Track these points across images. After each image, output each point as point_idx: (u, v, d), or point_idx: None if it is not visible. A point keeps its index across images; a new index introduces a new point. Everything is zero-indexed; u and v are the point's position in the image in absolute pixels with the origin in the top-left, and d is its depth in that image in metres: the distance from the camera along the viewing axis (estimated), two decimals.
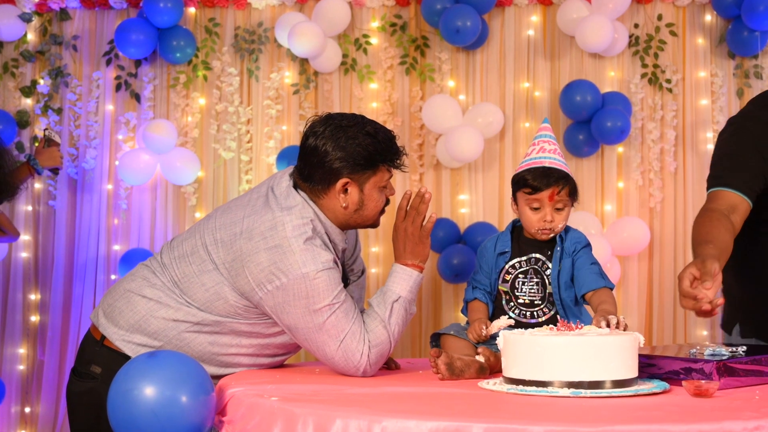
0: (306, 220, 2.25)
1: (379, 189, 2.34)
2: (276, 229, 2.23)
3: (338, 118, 2.32)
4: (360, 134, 2.27)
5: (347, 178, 2.28)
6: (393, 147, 2.33)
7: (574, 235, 2.41)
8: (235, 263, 2.24)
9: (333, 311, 2.20)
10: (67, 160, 4.25)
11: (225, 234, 2.29)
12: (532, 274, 2.39)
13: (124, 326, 2.32)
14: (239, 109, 4.31)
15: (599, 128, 4.08)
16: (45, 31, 4.33)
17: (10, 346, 4.26)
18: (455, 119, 4.14)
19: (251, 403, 1.79)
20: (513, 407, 1.75)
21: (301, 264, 2.19)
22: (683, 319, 4.28)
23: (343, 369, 2.24)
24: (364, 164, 2.28)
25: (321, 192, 2.30)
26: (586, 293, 2.33)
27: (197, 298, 2.29)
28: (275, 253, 2.20)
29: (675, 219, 4.28)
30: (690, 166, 4.30)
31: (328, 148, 2.27)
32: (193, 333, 2.29)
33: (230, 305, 2.26)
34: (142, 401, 1.74)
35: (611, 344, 1.94)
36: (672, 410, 1.72)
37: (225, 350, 2.31)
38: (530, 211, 2.36)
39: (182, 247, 2.37)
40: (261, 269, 2.20)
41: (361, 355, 2.22)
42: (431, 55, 4.36)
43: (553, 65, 4.34)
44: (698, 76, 4.33)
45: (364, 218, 2.35)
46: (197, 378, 1.83)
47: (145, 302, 2.31)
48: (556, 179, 2.33)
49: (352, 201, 2.31)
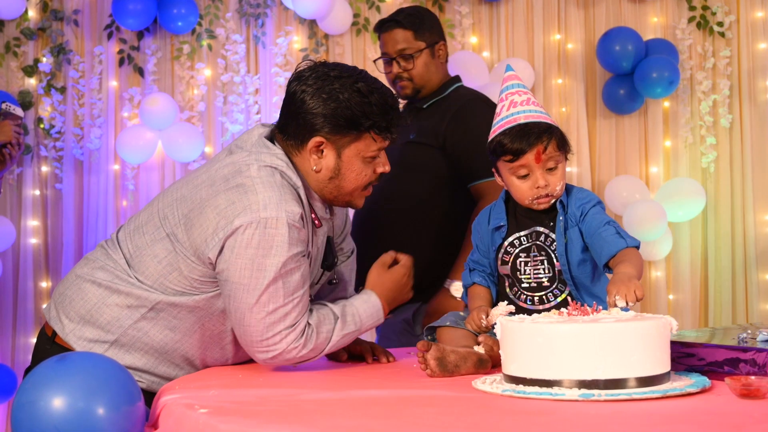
0: (280, 164, 1.96)
1: (364, 159, 2.01)
2: (240, 171, 1.94)
3: (330, 67, 2.01)
4: (348, 89, 1.95)
5: (322, 137, 1.97)
6: (387, 112, 1.99)
7: (579, 196, 2.01)
8: (191, 214, 1.95)
9: (279, 273, 1.88)
10: (72, 141, 4.13)
11: (185, 190, 2.02)
12: (535, 251, 1.99)
13: (74, 318, 2.06)
14: (246, 78, 4.12)
15: (643, 80, 3.79)
16: (45, 6, 4.19)
17: (23, 335, 4.14)
18: (481, 78, 3.86)
19: (179, 415, 1.50)
20: (505, 417, 1.44)
21: (262, 206, 1.88)
22: (743, 295, 3.92)
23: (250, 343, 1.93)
24: (345, 125, 1.96)
25: (294, 148, 2.01)
26: (608, 261, 1.91)
27: (149, 273, 2.00)
28: (235, 193, 1.91)
29: (732, 180, 3.99)
30: (748, 118, 3.99)
31: (306, 97, 1.96)
32: (150, 320, 2.00)
33: (184, 277, 1.97)
34: (47, 416, 1.44)
35: (633, 332, 1.58)
36: (705, 419, 1.34)
37: (188, 337, 2.01)
38: (518, 181, 1.98)
39: (138, 219, 2.11)
40: (217, 212, 1.90)
41: (282, 340, 1.91)
42: (450, 10, 4.11)
43: (587, 13, 4.08)
44: (755, 17, 3.99)
45: (341, 190, 2.02)
46: (118, 385, 1.52)
47: (95, 289, 2.04)
48: (537, 135, 1.95)
49: (327, 166, 1.99)
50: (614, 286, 1.75)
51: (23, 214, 4.11)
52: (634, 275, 1.78)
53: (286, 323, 1.91)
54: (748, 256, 3.89)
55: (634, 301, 1.73)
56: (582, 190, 2.03)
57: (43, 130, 4.15)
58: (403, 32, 2.85)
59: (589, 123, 4.02)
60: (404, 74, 2.84)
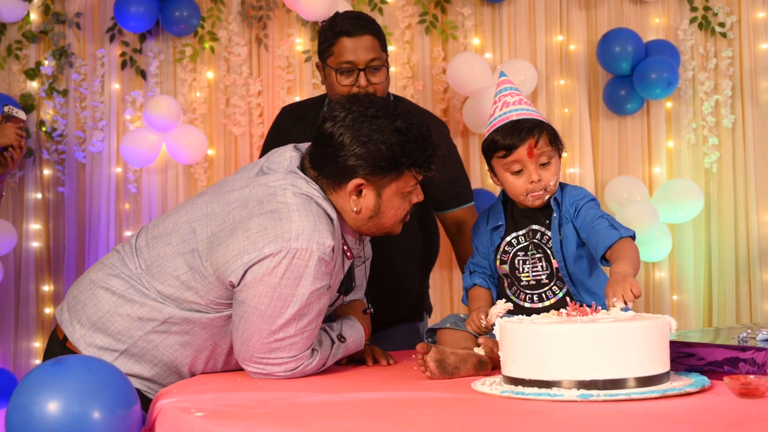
0: (314, 194, 1.91)
1: (402, 195, 1.98)
2: (275, 195, 1.89)
3: (366, 104, 1.95)
4: (387, 129, 1.90)
5: (363, 179, 1.92)
6: (426, 148, 1.95)
7: (572, 193, 2.04)
8: (221, 234, 1.90)
9: (299, 307, 1.86)
10: (74, 144, 4.12)
11: (216, 206, 1.97)
12: (533, 250, 2.00)
13: (86, 324, 2.03)
14: (249, 80, 4.09)
15: (642, 81, 3.74)
16: (47, 9, 4.18)
17: (25, 339, 4.13)
18: (484, 79, 3.82)
19: (175, 419, 1.49)
20: (503, 418, 1.44)
21: (294, 236, 1.83)
22: (747, 294, 3.89)
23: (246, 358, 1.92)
24: (386, 166, 1.91)
25: (330, 188, 1.95)
26: (604, 254, 1.92)
27: (167, 286, 1.95)
28: (268, 218, 1.85)
29: (734, 180, 3.93)
30: (750, 119, 3.92)
31: (345, 139, 1.90)
32: (161, 334, 1.97)
33: (200, 296, 1.93)
34: (42, 419, 1.44)
35: (631, 332, 1.58)
36: (704, 419, 1.33)
37: (199, 353, 1.99)
38: (512, 177, 2.02)
39: (163, 225, 2.04)
40: (247, 236, 1.85)
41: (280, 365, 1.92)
42: (453, 11, 4.07)
43: (590, 14, 4.03)
44: (756, 17, 3.93)
45: (379, 227, 2.00)
46: (114, 388, 1.51)
47: (108, 296, 2.01)
48: (528, 130, 1.99)
49: (367, 206, 1.95)
50: (611, 288, 1.76)
51: (25, 218, 4.10)
52: (629, 272, 1.79)
53: (290, 353, 1.89)
54: (751, 256, 3.86)
55: (631, 299, 1.73)
56: (576, 188, 2.07)
57: (45, 133, 4.15)
58: (373, 40, 2.47)
59: (592, 124, 3.99)
60: (369, 88, 2.46)
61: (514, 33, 4.02)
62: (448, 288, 4.00)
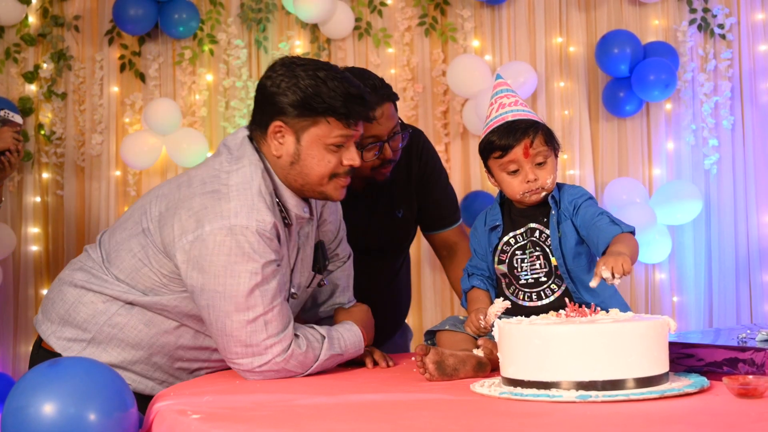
0: (257, 171, 1.96)
1: (326, 146, 1.98)
2: (218, 177, 1.96)
3: (299, 60, 2.02)
4: (307, 75, 1.94)
5: (281, 121, 1.96)
6: (348, 99, 1.95)
7: (571, 192, 2.06)
8: (167, 212, 1.97)
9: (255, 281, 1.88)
10: (73, 147, 4.13)
11: (167, 188, 2.05)
12: (531, 248, 2.02)
13: (55, 320, 2.08)
14: (248, 83, 4.09)
15: (640, 83, 3.74)
16: (46, 12, 4.17)
17: (24, 344, 4.13)
18: (484, 81, 3.81)
19: (172, 421, 1.49)
20: (502, 419, 1.43)
21: (233, 214, 1.89)
22: (747, 295, 3.88)
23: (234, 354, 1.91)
24: (300, 108, 1.94)
25: (261, 138, 2.01)
26: (606, 250, 1.92)
27: (124, 267, 2.02)
28: (209, 198, 1.92)
29: (734, 181, 3.93)
30: (749, 120, 3.92)
31: (268, 82, 1.98)
32: (124, 316, 2.01)
33: (154, 272, 1.99)
34: (38, 422, 1.43)
35: (630, 333, 1.57)
36: (703, 419, 1.33)
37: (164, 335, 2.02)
38: (509, 177, 2.04)
39: (121, 218, 2.15)
40: (190, 215, 1.92)
41: (267, 350, 1.90)
42: (452, 14, 4.07)
43: (589, 16, 4.03)
44: (755, 19, 3.93)
45: (305, 178, 2.00)
46: (111, 390, 1.50)
47: (72, 289, 2.07)
48: (524, 130, 2.01)
49: (287, 151, 1.98)
50: (602, 259, 1.79)
51: (24, 221, 4.11)
52: (625, 253, 1.81)
53: (269, 332, 1.90)
54: (751, 257, 3.86)
55: (620, 273, 1.74)
56: (574, 187, 2.09)
57: (44, 137, 4.15)
58: (391, 106, 2.28)
59: (592, 126, 3.99)
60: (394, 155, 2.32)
61: (513, 35, 4.02)
62: (447, 290, 4.00)
